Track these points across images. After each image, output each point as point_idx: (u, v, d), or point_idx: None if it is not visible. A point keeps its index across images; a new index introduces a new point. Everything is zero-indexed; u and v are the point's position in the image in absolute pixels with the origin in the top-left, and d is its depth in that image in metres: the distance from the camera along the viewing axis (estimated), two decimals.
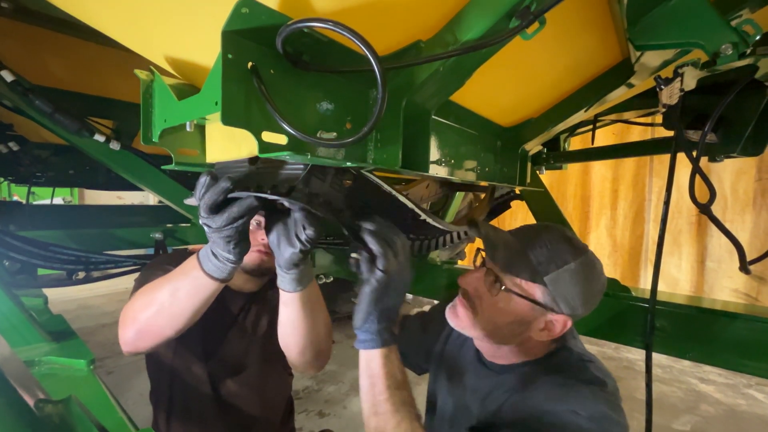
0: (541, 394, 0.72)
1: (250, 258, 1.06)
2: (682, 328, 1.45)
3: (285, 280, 0.79)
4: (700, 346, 1.40)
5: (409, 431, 0.65)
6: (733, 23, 0.60)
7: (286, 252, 0.71)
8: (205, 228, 0.67)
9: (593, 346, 3.60)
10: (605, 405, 0.68)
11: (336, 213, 0.73)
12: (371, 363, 0.70)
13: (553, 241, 0.76)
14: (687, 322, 1.44)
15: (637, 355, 3.69)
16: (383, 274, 0.65)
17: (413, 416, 0.67)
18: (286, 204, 0.66)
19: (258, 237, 1.05)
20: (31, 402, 0.50)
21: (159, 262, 1.08)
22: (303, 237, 0.68)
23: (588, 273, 0.74)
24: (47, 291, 1.79)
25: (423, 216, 0.83)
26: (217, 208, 0.63)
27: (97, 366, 1.10)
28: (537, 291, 0.73)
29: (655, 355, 1.42)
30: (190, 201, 0.84)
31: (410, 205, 0.78)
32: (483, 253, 0.83)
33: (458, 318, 0.83)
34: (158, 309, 0.81)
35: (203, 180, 0.62)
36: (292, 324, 0.87)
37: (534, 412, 0.69)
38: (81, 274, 1.70)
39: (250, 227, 1.01)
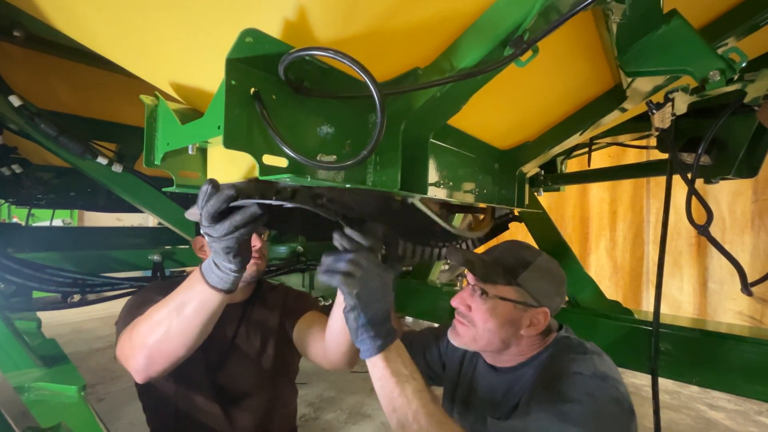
0: (552, 372, 0.82)
1: (249, 269, 1.05)
2: (687, 352, 1.42)
3: None
4: (707, 371, 1.37)
5: (426, 415, 0.69)
6: (720, 51, 0.62)
7: None
8: (206, 237, 0.66)
9: None
10: (605, 368, 0.79)
11: (339, 213, 0.74)
12: (375, 368, 0.74)
13: (515, 249, 0.92)
14: (692, 346, 1.42)
15: (643, 380, 3.60)
16: (351, 299, 0.71)
17: (427, 400, 0.72)
18: (288, 205, 0.66)
19: (251, 243, 1.04)
20: (19, 430, 0.49)
21: (148, 291, 1.05)
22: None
23: (548, 268, 0.90)
24: (41, 314, 1.76)
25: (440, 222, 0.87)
26: (219, 217, 0.63)
27: (88, 393, 1.07)
28: (514, 292, 0.87)
29: (661, 381, 1.39)
30: (192, 212, 0.84)
31: (427, 211, 0.81)
32: (466, 279, 0.96)
33: (459, 335, 0.92)
34: (166, 330, 0.79)
35: (205, 188, 0.61)
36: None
37: (549, 388, 0.79)
38: (76, 297, 1.68)
39: None
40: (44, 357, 1.18)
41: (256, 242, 1.06)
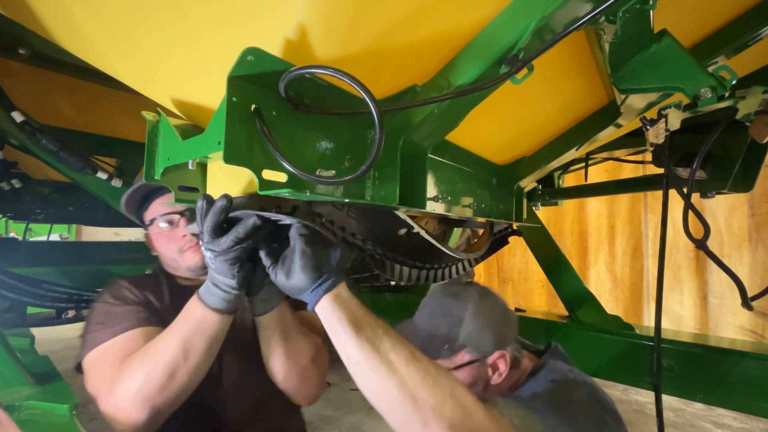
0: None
1: (193, 259, 1.00)
2: (690, 368, 1.41)
3: (254, 304, 0.82)
4: (710, 387, 1.35)
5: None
6: (710, 69, 0.64)
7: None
8: (207, 254, 0.65)
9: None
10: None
11: (337, 235, 0.74)
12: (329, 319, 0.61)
13: (442, 306, 0.85)
14: (695, 361, 1.40)
15: (647, 397, 3.53)
16: (299, 234, 0.63)
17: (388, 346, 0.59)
18: (288, 221, 0.65)
19: (179, 234, 0.99)
20: None
21: (109, 297, 0.93)
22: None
23: (484, 311, 0.83)
24: (34, 330, 1.73)
25: (435, 243, 0.86)
26: (220, 231, 0.62)
27: (80, 411, 1.04)
28: (464, 355, 0.81)
29: (665, 398, 1.37)
30: (191, 228, 0.84)
31: (423, 232, 0.81)
32: None
33: None
34: (173, 370, 0.73)
35: (200, 204, 0.60)
36: (267, 347, 0.88)
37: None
38: (71, 313, 1.66)
39: (165, 228, 0.99)
40: (36, 374, 1.16)
41: (185, 232, 0.99)
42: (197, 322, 0.74)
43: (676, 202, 1.13)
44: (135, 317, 0.88)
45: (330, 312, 0.60)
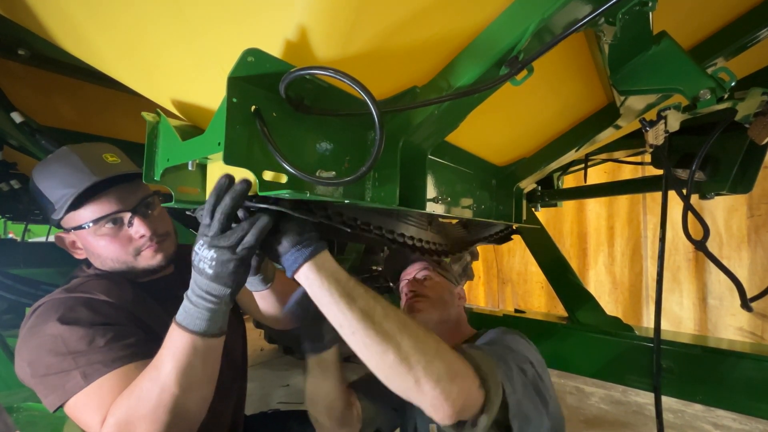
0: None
1: (153, 259, 0.94)
2: (689, 369, 1.41)
3: (254, 282, 0.86)
4: (710, 388, 1.35)
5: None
6: (709, 71, 0.64)
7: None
8: (209, 254, 0.58)
9: (600, 389, 3.45)
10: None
11: (337, 223, 0.71)
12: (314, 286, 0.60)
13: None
14: (694, 363, 1.40)
15: (646, 398, 3.53)
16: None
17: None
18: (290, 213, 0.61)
19: (133, 234, 0.91)
20: None
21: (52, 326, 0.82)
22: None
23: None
24: None
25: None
26: (229, 225, 0.58)
27: None
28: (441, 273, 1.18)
29: (665, 399, 1.37)
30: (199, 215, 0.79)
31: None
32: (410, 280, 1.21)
33: (419, 310, 1.08)
34: (176, 409, 0.68)
35: (222, 181, 0.55)
36: (273, 309, 0.98)
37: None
38: None
39: (110, 228, 0.89)
40: None
41: (141, 229, 0.90)
42: (188, 354, 0.66)
43: (675, 203, 1.13)
44: (121, 346, 0.79)
45: (317, 283, 0.59)
